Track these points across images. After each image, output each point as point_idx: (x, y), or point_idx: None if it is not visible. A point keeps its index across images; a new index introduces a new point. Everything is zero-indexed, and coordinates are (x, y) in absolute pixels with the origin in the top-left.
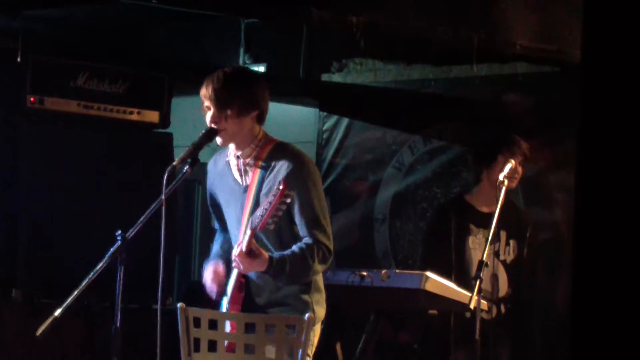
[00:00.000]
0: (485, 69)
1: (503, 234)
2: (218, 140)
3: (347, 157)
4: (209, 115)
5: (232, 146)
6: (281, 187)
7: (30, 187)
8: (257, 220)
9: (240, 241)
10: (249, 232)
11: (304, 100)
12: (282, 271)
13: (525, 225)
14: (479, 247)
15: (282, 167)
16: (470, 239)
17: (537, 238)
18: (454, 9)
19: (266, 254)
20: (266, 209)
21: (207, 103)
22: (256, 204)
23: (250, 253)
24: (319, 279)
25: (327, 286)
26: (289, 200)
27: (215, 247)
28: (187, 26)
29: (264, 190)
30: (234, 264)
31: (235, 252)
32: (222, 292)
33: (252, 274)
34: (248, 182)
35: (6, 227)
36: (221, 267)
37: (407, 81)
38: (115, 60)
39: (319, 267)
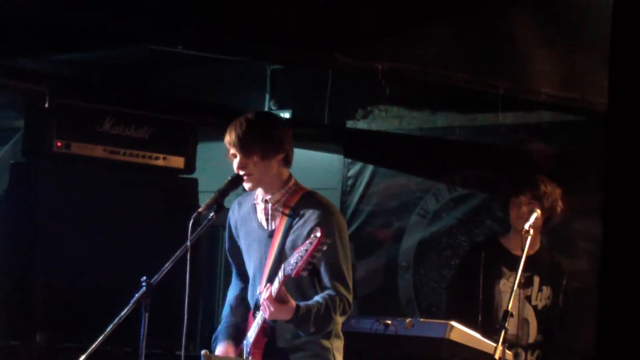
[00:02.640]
0: (511, 117)
1: (536, 280)
2: (246, 185)
3: (372, 204)
4: (235, 162)
5: (260, 190)
6: (319, 234)
7: (55, 230)
8: (290, 267)
9: (269, 285)
10: (280, 277)
11: (329, 146)
12: (306, 321)
13: (562, 273)
14: (510, 291)
15: (311, 217)
16: (502, 282)
17: (571, 286)
18: (479, 57)
19: (293, 302)
20: (301, 256)
21: (232, 150)
22: (281, 250)
23: (279, 299)
24: (338, 328)
25: (350, 334)
26: (325, 248)
27: (230, 296)
28: (212, 71)
29: (290, 237)
30: (261, 308)
31: (264, 295)
32: None
33: (275, 320)
34: (274, 227)
35: (29, 271)
36: (232, 351)
37: (431, 128)
38: (141, 105)
39: (339, 319)
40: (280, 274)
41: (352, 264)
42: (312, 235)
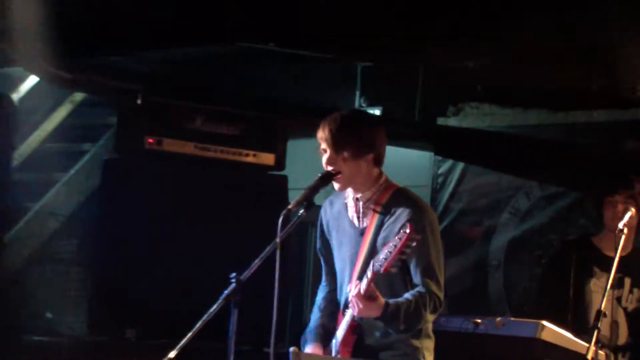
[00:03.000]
0: (605, 115)
1: (627, 281)
2: (335, 185)
3: (462, 202)
4: (324, 157)
5: (350, 189)
6: (407, 230)
7: (147, 227)
8: (379, 264)
9: (358, 282)
10: (369, 274)
11: (420, 144)
12: (396, 318)
13: None
14: (601, 292)
15: (402, 214)
16: (593, 282)
17: None
18: (573, 54)
19: (382, 299)
20: (390, 252)
21: (323, 145)
22: (372, 248)
23: (368, 296)
24: (429, 326)
25: (439, 332)
26: (414, 244)
27: (319, 297)
28: (303, 68)
29: (381, 235)
30: (350, 305)
31: (353, 292)
32: None
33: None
34: (365, 225)
35: (121, 267)
36: (320, 352)
37: (523, 126)
38: (231, 103)
39: (429, 317)
40: (369, 271)
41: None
42: (401, 231)
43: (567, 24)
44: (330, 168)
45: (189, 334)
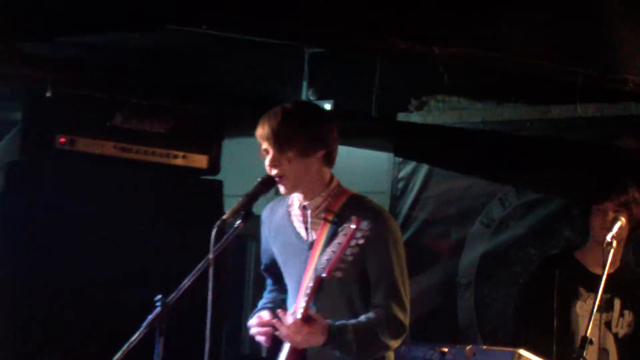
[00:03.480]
0: (591, 109)
1: (617, 303)
2: (281, 188)
3: (427, 211)
4: (267, 159)
5: (297, 195)
6: (353, 225)
7: (57, 240)
8: (321, 267)
9: (294, 310)
10: (310, 284)
11: (377, 143)
12: (343, 343)
13: None
14: (588, 315)
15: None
16: (579, 305)
17: None
18: (553, 39)
19: (324, 321)
20: (334, 252)
21: (264, 145)
22: None
23: (307, 319)
24: (391, 355)
25: None
26: (362, 242)
27: (262, 301)
28: (240, 57)
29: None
30: (285, 337)
31: (287, 320)
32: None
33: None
34: (314, 237)
35: (28, 286)
36: (266, 314)
37: (497, 122)
38: (157, 96)
39: (390, 343)
40: (310, 280)
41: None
42: (346, 226)
43: (547, 6)
44: (274, 172)
45: None
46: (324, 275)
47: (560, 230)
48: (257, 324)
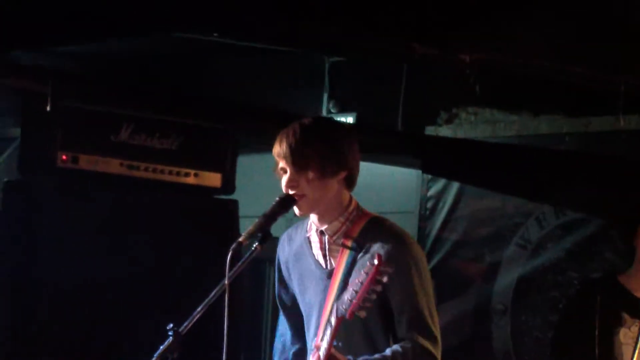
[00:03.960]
0: (636, 122)
1: None
2: (296, 209)
3: (458, 232)
4: (284, 178)
5: (314, 219)
6: (375, 261)
7: (59, 266)
8: (344, 307)
9: (317, 348)
10: (333, 322)
11: (403, 159)
12: None
13: None
14: (633, 344)
15: (379, 249)
16: (622, 332)
17: None
18: (595, 47)
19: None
20: (356, 291)
21: (282, 164)
22: (342, 293)
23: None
24: None
25: None
26: (385, 280)
27: (275, 349)
28: (257, 67)
29: (353, 276)
30: None
31: None
32: None
33: None
34: (334, 265)
35: (32, 314)
36: None
37: (534, 136)
38: (168, 110)
39: None
40: (332, 317)
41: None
42: (368, 264)
43: (587, 11)
44: (291, 192)
45: None
46: (346, 316)
47: (602, 253)
48: None
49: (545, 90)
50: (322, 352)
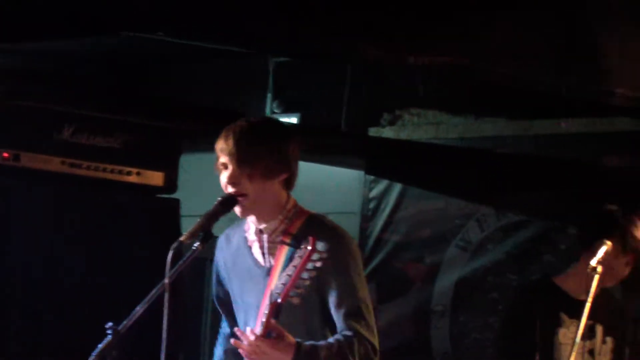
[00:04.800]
0: (577, 125)
1: (599, 329)
2: (237, 210)
3: (399, 233)
4: (224, 175)
5: (252, 218)
6: (310, 246)
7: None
8: (277, 292)
9: (253, 328)
10: (267, 310)
11: (346, 160)
12: None
13: (624, 319)
14: (571, 343)
15: (317, 246)
16: (562, 332)
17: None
18: (539, 51)
19: (292, 338)
20: (290, 275)
21: (223, 159)
22: None
23: (269, 336)
24: None
25: None
26: (319, 264)
27: (218, 351)
28: (200, 67)
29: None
30: (244, 354)
31: (248, 339)
32: None
33: None
34: (272, 263)
35: None
36: None
37: (476, 138)
38: (110, 108)
39: None
40: (266, 306)
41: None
42: (302, 247)
43: (532, 14)
44: (231, 189)
45: None
46: (279, 300)
47: (541, 255)
48: None
49: (488, 93)
50: (258, 327)
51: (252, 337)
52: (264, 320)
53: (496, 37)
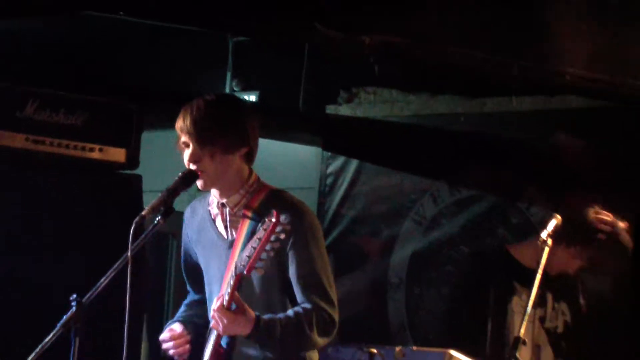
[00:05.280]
0: (528, 103)
1: (549, 297)
2: (199, 183)
3: (356, 208)
4: (187, 153)
5: (215, 192)
6: (274, 219)
7: None
8: (242, 264)
9: (221, 295)
10: (232, 281)
11: (304, 137)
12: (270, 336)
13: (575, 287)
14: (523, 311)
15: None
16: (515, 301)
17: (589, 302)
18: (489, 30)
19: (252, 312)
20: (254, 248)
21: (184, 138)
22: None
23: (233, 308)
24: (315, 356)
25: None
26: (283, 236)
27: (179, 311)
28: (161, 45)
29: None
30: (212, 323)
31: (214, 305)
32: (184, 353)
33: (234, 342)
34: (235, 235)
35: None
36: (178, 326)
37: (431, 115)
38: (73, 86)
39: (319, 340)
40: (231, 277)
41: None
42: (266, 220)
43: None
44: (193, 167)
45: None
46: (244, 272)
47: (494, 229)
48: (169, 337)
49: (442, 71)
50: (225, 298)
51: (217, 305)
52: (228, 291)
53: (451, 18)
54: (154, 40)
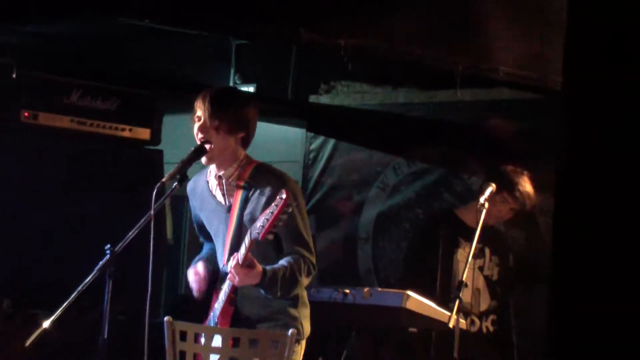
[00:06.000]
0: (470, 94)
1: (487, 251)
2: (203, 159)
3: (333, 177)
4: (197, 124)
5: (213, 167)
6: (284, 196)
7: (20, 200)
8: (257, 231)
9: (235, 254)
10: (247, 243)
11: (292, 120)
12: (274, 284)
13: (505, 246)
14: (465, 261)
15: (266, 187)
16: (459, 252)
17: (518, 258)
18: (440, 33)
19: (260, 267)
20: (268, 219)
21: (199, 112)
22: (240, 223)
23: (247, 264)
24: (305, 295)
25: (310, 303)
26: (290, 210)
27: (202, 252)
28: (178, 45)
29: (247, 210)
30: (229, 276)
31: (231, 263)
32: (203, 290)
33: (243, 288)
34: (231, 202)
35: None
36: (201, 267)
37: (393, 104)
38: (107, 78)
39: (305, 281)
40: (247, 240)
41: (312, 234)
42: (277, 197)
43: (435, 5)
44: (200, 135)
45: (64, 304)
46: (259, 239)
47: (442, 194)
48: (194, 272)
49: (402, 68)
50: (240, 256)
51: (233, 263)
52: (244, 248)
53: (410, 25)
54: (173, 42)
